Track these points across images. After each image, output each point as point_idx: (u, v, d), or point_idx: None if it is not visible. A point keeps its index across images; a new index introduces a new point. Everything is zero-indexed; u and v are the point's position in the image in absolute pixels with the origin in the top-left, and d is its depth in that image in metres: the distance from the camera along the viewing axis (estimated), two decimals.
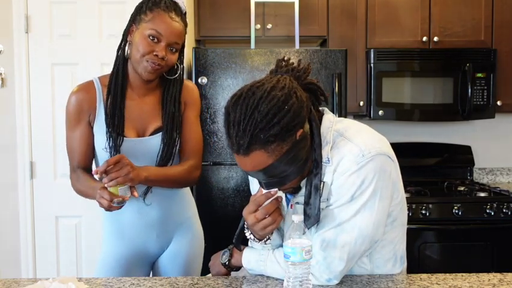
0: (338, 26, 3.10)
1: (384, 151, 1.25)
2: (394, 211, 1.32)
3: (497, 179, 3.48)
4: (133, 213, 1.65)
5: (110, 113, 1.57)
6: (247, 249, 1.39)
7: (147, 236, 1.68)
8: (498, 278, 1.30)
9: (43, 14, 2.74)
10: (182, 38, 1.58)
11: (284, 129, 1.12)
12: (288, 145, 1.15)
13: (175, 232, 1.72)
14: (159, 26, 1.51)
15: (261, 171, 1.17)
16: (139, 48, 1.53)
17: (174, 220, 1.71)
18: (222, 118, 2.64)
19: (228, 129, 1.16)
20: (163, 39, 1.52)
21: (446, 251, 2.75)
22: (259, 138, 1.12)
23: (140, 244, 1.69)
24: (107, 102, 1.58)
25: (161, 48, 1.52)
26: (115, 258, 1.68)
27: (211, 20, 3.09)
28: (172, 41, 1.53)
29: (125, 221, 1.67)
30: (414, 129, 3.44)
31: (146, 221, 1.67)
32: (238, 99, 1.17)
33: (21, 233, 2.78)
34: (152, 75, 1.56)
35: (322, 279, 1.24)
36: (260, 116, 1.11)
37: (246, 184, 2.62)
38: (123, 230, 1.68)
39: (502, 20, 3.10)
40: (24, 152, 2.76)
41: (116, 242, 1.69)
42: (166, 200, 1.69)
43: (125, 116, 1.60)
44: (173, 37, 1.53)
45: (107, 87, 1.60)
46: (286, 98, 1.15)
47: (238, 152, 1.15)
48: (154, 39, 1.52)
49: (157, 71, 1.55)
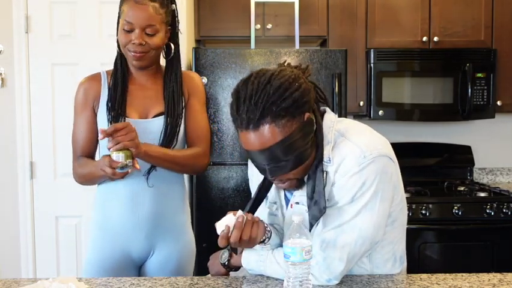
0: (338, 26, 3.10)
1: (385, 153, 1.26)
2: (394, 212, 1.32)
3: (497, 179, 3.48)
4: (123, 208, 1.63)
5: (112, 95, 1.63)
6: (246, 250, 1.39)
7: (135, 235, 1.64)
8: (498, 278, 1.30)
9: (43, 14, 2.74)
10: (156, 20, 1.57)
11: (295, 104, 1.16)
12: (297, 124, 1.17)
13: (165, 236, 1.67)
14: (128, 16, 1.55)
15: (267, 150, 1.16)
16: (120, 41, 1.60)
17: (166, 222, 1.67)
18: (222, 118, 2.64)
19: (238, 107, 1.18)
20: (135, 26, 1.55)
21: (446, 251, 2.75)
22: (270, 111, 1.14)
23: (127, 243, 1.64)
24: (110, 87, 1.64)
25: (136, 36, 1.55)
26: (100, 259, 1.64)
27: (211, 20, 3.09)
28: (144, 25, 1.55)
29: (114, 215, 1.64)
30: (414, 129, 3.44)
31: (137, 218, 1.63)
32: (249, 78, 1.21)
33: (21, 233, 2.78)
34: (139, 63, 1.60)
35: (322, 280, 1.24)
36: (272, 89, 1.15)
37: (246, 184, 2.61)
38: (111, 225, 1.64)
39: (502, 20, 3.10)
40: (24, 152, 2.76)
41: (102, 242, 1.65)
42: (160, 199, 1.65)
43: (128, 100, 1.64)
44: (144, 21, 1.55)
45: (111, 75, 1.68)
46: (297, 78, 1.20)
47: (247, 126, 1.16)
48: (128, 30, 1.56)
49: (142, 58, 1.59)
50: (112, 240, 1.64)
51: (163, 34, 1.61)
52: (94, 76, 1.70)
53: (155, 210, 1.64)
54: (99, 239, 1.66)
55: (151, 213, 1.64)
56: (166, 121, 1.63)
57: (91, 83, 1.68)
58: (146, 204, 1.63)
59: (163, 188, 1.66)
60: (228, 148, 2.66)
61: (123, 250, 1.65)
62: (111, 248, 1.64)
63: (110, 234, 1.65)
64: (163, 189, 1.66)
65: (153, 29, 1.57)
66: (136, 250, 1.65)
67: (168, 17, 1.62)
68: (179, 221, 1.71)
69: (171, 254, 1.67)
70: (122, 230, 1.64)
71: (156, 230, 1.65)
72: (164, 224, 1.67)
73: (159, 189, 1.65)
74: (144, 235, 1.64)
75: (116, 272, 1.62)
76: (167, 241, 1.67)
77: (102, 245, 1.65)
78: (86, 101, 1.67)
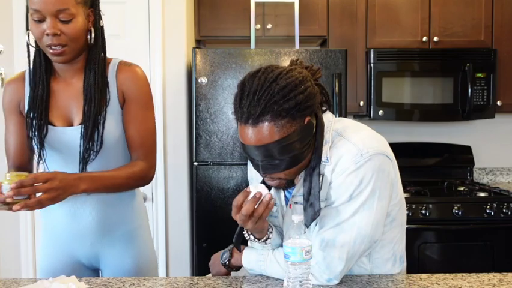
0: (338, 26, 3.10)
1: (382, 150, 1.26)
2: (393, 211, 1.32)
3: (497, 179, 3.48)
4: (65, 214, 1.50)
5: (31, 100, 1.43)
6: (247, 249, 1.39)
7: (79, 243, 1.51)
8: (498, 278, 1.30)
9: None
10: (68, 3, 1.33)
11: (297, 106, 1.15)
12: (296, 126, 1.17)
13: (113, 245, 1.53)
14: (34, 3, 1.32)
15: (263, 147, 1.17)
16: (34, 35, 1.38)
17: (113, 229, 1.52)
18: (222, 118, 2.64)
19: (241, 100, 1.17)
20: (44, 14, 1.32)
21: (446, 251, 2.75)
22: (272, 109, 1.14)
23: (74, 250, 1.52)
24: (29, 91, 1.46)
25: (49, 26, 1.32)
26: (52, 266, 1.53)
27: (211, 20, 3.09)
28: (54, 10, 1.32)
29: (58, 223, 1.52)
30: (414, 129, 3.44)
31: (79, 225, 1.50)
32: (256, 73, 1.21)
33: (21, 233, 2.77)
34: (61, 58, 1.39)
35: (322, 279, 1.24)
36: (277, 88, 1.15)
37: (246, 184, 2.61)
38: (56, 233, 1.53)
39: (502, 20, 3.10)
40: None
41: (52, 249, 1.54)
42: (103, 208, 1.51)
43: (52, 103, 1.45)
44: (52, 6, 1.31)
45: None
46: (304, 80, 1.19)
47: (247, 121, 1.16)
48: (37, 19, 1.34)
49: (63, 53, 1.37)
50: (59, 246, 1.53)
51: (83, 18, 1.38)
52: (17, 76, 1.51)
53: (99, 220, 1.50)
54: (48, 245, 1.55)
55: (94, 223, 1.50)
56: (84, 124, 1.42)
57: (12, 84, 1.50)
58: (87, 213, 1.50)
59: (107, 197, 1.51)
60: (228, 148, 2.66)
61: (72, 256, 1.54)
62: (60, 254, 1.54)
63: (56, 241, 1.54)
64: (106, 198, 1.51)
65: (67, 14, 1.33)
66: (84, 257, 1.54)
67: None
68: (129, 228, 1.55)
69: (123, 261, 1.53)
70: (67, 237, 1.52)
71: (102, 239, 1.52)
72: (111, 233, 1.53)
73: (102, 198, 1.50)
74: (89, 243, 1.52)
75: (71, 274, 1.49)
76: (118, 248, 1.53)
77: (52, 251, 1.54)
78: (11, 104, 1.49)
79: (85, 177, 1.37)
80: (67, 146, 1.44)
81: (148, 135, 1.51)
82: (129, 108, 1.48)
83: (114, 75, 1.48)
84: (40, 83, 1.44)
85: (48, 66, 1.46)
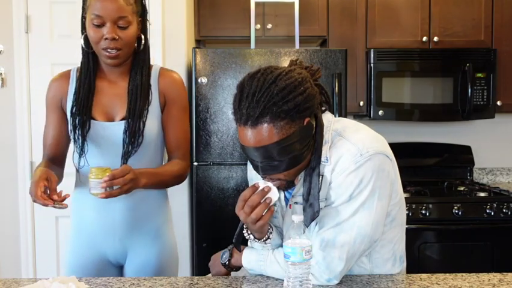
0: (338, 26, 3.10)
1: (382, 150, 1.26)
2: (393, 210, 1.32)
3: (497, 179, 3.48)
4: (96, 212, 1.57)
5: (76, 96, 1.54)
6: (247, 249, 1.39)
7: (108, 239, 1.58)
8: (498, 278, 1.30)
9: (43, 14, 2.74)
10: (127, 11, 1.47)
11: (296, 108, 1.15)
12: (295, 128, 1.17)
13: (140, 240, 1.60)
14: (96, 8, 1.45)
15: (262, 148, 1.17)
16: (91, 38, 1.49)
17: (141, 226, 1.60)
18: (222, 118, 2.64)
19: (240, 101, 1.17)
20: (105, 20, 1.45)
21: (446, 251, 2.75)
22: (271, 111, 1.13)
23: (102, 247, 1.59)
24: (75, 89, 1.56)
25: (108, 30, 1.45)
26: (78, 262, 1.60)
27: (211, 20, 3.09)
28: (115, 17, 1.45)
29: (88, 219, 1.59)
30: (414, 129, 3.44)
31: (108, 221, 1.57)
32: (255, 74, 1.20)
33: (21, 233, 2.78)
34: (115, 61, 1.51)
35: (322, 279, 1.24)
36: (276, 90, 1.15)
37: (245, 184, 2.61)
38: (86, 229, 1.60)
39: (502, 20, 3.10)
40: (24, 152, 2.76)
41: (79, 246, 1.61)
42: (135, 204, 1.58)
43: (96, 100, 1.55)
44: (114, 13, 1.44)
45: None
46: (303, 81, 1.19)
47: (246, 122, 1.16)
48: (97, 24, 1.46)
49: (117, 56, 1.50)
50: (88, 242, 1.60)
51: (136, 26, 1.52)
52: (63, 73, 1.63)
53: (128, 215, 1.58)
54: (76, 242, 1.62)
55: (124, 218, 1.58)
56: (127, 120, 1.52)
57: (58, 80, 1.61)
58: (119, 208, 1.57)
59: (140, 193, 1.57)
60: (228, 148, 2.66)
61: (99, 253, 1.60)
62: (88, 251, 1.60)
63: (85, 237, 1.60)
64: (139, 194, 1.58)
65: (125, 21, 1.47)
66: (111, 253, 1.61)
67: (139, 7, 1.53)
68: (155, 224, 1.63)
69: (149, 257, 1.61)
70: (96, 233, 1.59)
71: (130, 234, 1.59)
72: (139, 228, 1.60)
73: (135, 194, 1.54)
74: (118, 238, 1.59)
75: (96, 272, 1.58)
76: (144, 244, 1.61)
77: (79, 248, 1.61)
78: (54, 100, 1.60)
79: (144, 172, 1.47)
80: (107, 140, 1.53)
81: (185, 136, 1.64)
82: (170, 110, 1.60)
83: (156, 79, 1.60)
84: (87, 81, 1.55)
85: (95, 66, 1.57)
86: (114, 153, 1.53)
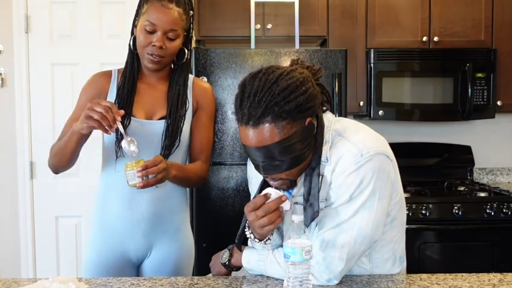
0: (338, 26, 3.10)
1: (382, 151, 1.26)
2: (393, 210, 1.32)
3: (497, 179, 3.48)
4: (121, 207, 1.63)
5: (119, 95, 1.63)
6: (247, 249, 1.39)
7: (132, 234, 1.63)
8: (498, 278, 1.30)
9: (43, 14, 2.74)
10: (179, 25, 1.58)
11: (298, 108, 1.15)
12: (297, 127, 1.17)
13: (163, 236, 1.66)
14: (152, 17, 1.55)
15: (264, 148, 1.16)
16: (139, 41, 1.59)
17: (164, 222, 1.66)
18: (222, 118, 2.64)
19: (241, 101, 1.17)
20: (157, 28, 1.55)
21: (446, 251, 2.75)
22: (272, 111, 1.14)
23: (124, 243, 1.64)
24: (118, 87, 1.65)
25: (158, 38, 1.55)
26: (98, 259, 1.64)
27: (211, 20, 3.09)
28: (167, 28, 1.56)
29: (112, 214, 1.64)
30: (414, 129, 3.44)
31: (134, 217, 1.62)
32: (257, 74, 1.20)
33: (21, 233, 2.78)
34: (155, 66, 1.61)
35: (322, 280, 1.24)
36: (278, 90, 1.15)
37: (246, 184, 2.61)
38: (109, 225, 1.64)
39: (502, 20, 3.10)
40: (24, 152, 2.76)
41: (101, 242, 1.65)
42: (159, 200, 1.65)
43: (136, 99, 1.64)
44: (168, 25, 1.55)
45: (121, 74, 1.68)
46: (305, 81, 1.19)
47: (247, 122, 1.16)
48: (149, 31, 1.56)
49: (159, 62, 1.60)
50: (110, 239, 1.64)
51: (181, 40, 1.63)
52: (106, 72, 1.72)
53: (153, 211, 1.64)
54: (98, 239, 1.66)
55: (149, 213, 1.63)
56: (167, 122, 1.62)
57: (101, 78, 1.70)
58: (144, 204, 1.63)
59: (165, 189, 1.65)
60: (228, 148, 2.66)
61: (121, 250, 1.64)
62: (109, 248, 1.64)
63: (108, 233, 1.64)
64: (164, 190, 1.65)
65: (175, 34, 1.58)
66: (133, 249, 1.65)
67: (188, 23, 1.64)
68: (177, 221, 1.70)
69: (169, 253, 1.66)
70: (119, 228, 1.63)
71: (154, 230, 1.65)
72: (162, 224, 1.66)
73: (160, 190, 1.63)
74: (141, 234, 1.64)
75: (115, 271, 1.62)
76: (165, 241, 1.67)
77: (101, 245, 1.65)
78: (91, 92, 1.67)
79: (174, 164, 1.56)
80: (145, 137, 1.60)
81: (210, 142, 1.75)
82: (199, 116, 1.72)
83: (191, 88, 1.72)
84: (130, 79, 1.65)
85: (137, 70, 1.67)
86: (150, 150, 1.59)
